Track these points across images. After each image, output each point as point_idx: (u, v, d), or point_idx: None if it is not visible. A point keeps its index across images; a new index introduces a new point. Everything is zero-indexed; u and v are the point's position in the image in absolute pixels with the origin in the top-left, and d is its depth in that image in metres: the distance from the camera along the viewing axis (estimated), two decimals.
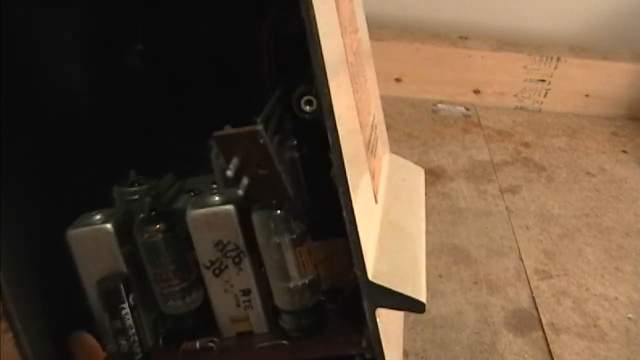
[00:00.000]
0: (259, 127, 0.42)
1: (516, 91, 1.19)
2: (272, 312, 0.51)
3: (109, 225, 0.48)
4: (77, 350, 0.50)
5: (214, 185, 0.52)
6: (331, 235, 0.51)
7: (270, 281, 0.50)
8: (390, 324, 0.55)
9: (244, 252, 0.49)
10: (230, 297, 0.50)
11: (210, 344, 0.50)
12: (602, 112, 1.20)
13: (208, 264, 0.49)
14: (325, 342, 0.50)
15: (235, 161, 0.43)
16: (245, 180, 0.44)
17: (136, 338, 0.49)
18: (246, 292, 0.50)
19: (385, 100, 1.14)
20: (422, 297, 0.47)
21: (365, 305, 0.46)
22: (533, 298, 0.72)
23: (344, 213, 0.43)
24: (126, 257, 0.49)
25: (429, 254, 0.78)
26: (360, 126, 0.52)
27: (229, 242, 0.48)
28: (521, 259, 0.79)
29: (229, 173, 0.43)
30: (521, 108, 1.20)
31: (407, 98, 1.15)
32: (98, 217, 0.48)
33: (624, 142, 1.11)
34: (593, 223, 0.87)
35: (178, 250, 0.49)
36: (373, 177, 0.55)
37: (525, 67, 1.17)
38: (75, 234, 0.47)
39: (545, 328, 0.68)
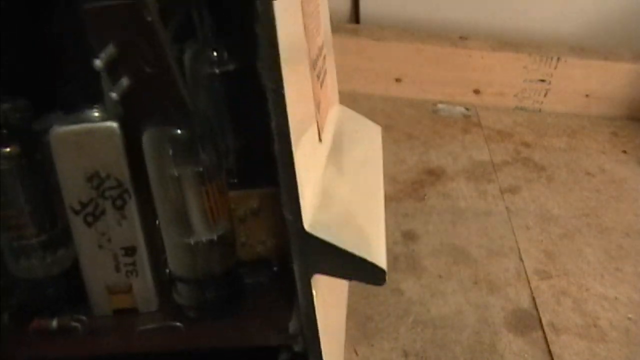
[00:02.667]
0: None
1: (516, 91, 1.19)
2: (165, 283, 0.37)
3: None
4: None
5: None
6: (257, 185, 0.36)
7: (163, 235, 0.35)
8: (331, 307, 0.41)
9: (128, 192, 0.34)
10: (108, 256, 0.35)
11: (74, 324, 0.36)
12: (602, 112, 1.20)
13: (78, 207, 0.34)
14: (236, 327, 0.35)
15: (110, 49, 0.30)
16: (124, 81, 0.31)
17: None
18: (130, 250, 0.35)
19: (385, 101, 1.14)
20: (382, 263, 0.34)
21: (297, 269, 0.32)
22: (533, 298, 0.72)
23: (274, 128, 0.30)
24: None
25: (428, 254, 0.78)
26: (307, 39, 0.39)
27: (108, 176, 0.33)
28: (521, 259, 0.79)
29: (98, 63, 0.29)
30: (521, 108, 1.20)
31: (407, 98, 1.15)
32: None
33: (624, 142, 1.11)
34: (593, 223, 0.87)
35: (38, 187, 0.35)
36: (318, 109, 0.41)
37: (525, 67, 1.17)
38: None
39: (545, 328, 0.68)
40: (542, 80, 1.18)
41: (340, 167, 0.42)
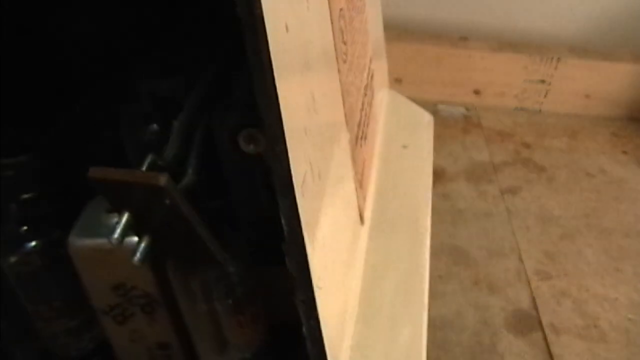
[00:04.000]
0: (163, 179, 0.26)
1: (516, 92, 1.19)
2: None
3: None
4: None
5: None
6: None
7: (195, 344, 0.35)
8: None
9: (157, 301, 0.33)
10: (142, 348, 0.35)
11: None
12: (603, 112, 1.20)
13: (106, 309, 0.33)
14: None
15: (126, 218, 0.28)
16: (145, 241, 0.28)
17: None
18: (164, 345, 0.35)
19: None
20: None
21: None
22: (533, 299, 0.72)
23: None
24: None
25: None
26: (346, 122, 0.37)
27: (134, 287, 0.33)
28: (521, 260, 0.79)
29: (115, 238, 0.27)
30: (521, 109, 1.20)
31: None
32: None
33: (624, 142, 1.11)
34: (593, 224, 0.87)
35: (66, 279, 0.33)
36: (360, 184, 0.38)
37: (525, 67, 1.17)
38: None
39: (546, 329, 0.68)
40: (542, 81, 1.18)
41: (379, 247, 0.36)
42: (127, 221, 0.27)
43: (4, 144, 0.32)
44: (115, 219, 0.29)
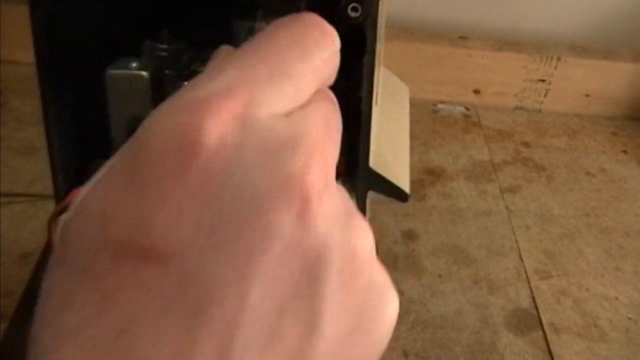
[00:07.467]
0: None
1: (516, 91, 1.19)
2: None
3: (145, 73, 0.49)
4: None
5: None
6: None
7: None
8: None
9: None
10: None
11: None
12: (603, 112, 1.20)
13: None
14: None
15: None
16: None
17: None
18: None
19: None
20: (406, 188, 0.56)
21: (360, 188, 0.49)
22: (533, 298, 0.72)
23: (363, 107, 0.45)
24: (154, 106, 0.48)
25: (428, 254, 0.78)
26: None
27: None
28: (521, 259, 0.79)
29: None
30: (521, 108, 1.20)
31: None
32: (134, 64, 0.50)
33: (624, 142, 1.11)
34: (593, 223, 0.87)
35: None
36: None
37: (525, 67, 1.17)
38: (114, 74, 0.49)
39: (546, 328, 0.68)
40: (542, 80, 1.18)
41: (381, 111, 0.56)
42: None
43: None
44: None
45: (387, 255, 0.76)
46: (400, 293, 0.74)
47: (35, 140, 0.57)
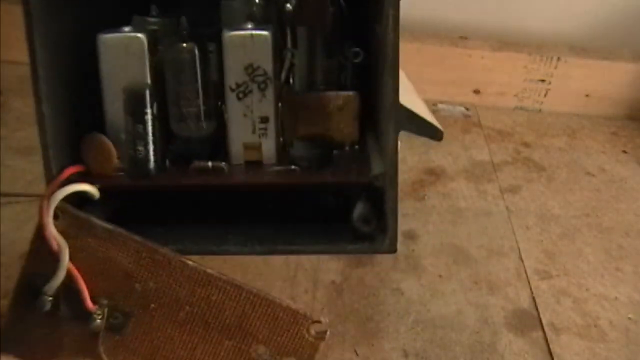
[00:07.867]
0: None
1: (516, 91, 1.19)
2: (282, 147, 0.54)
3: (141, 35, 0.48)
4: (91, 149, 0.51)
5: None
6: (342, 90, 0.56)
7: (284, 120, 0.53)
8: None
9: (270, 79, 0.50)
10: (248, 122, 0.51)
11: (223, 164, 0.52)
12: (603, 112, 1.20)
13: (234, 86, 0.50)
14: (333, 173, 0.53)
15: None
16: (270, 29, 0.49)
17: (152, 147, 0.50)
18: (264, 119, 0.51)
19: None
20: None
21: (390, 129, 0.51)
22: (533, 298, 0.72)
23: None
24: (151, 71, 0.49)
25: (428, 254, 0.78)
26: None
27: (258, 67, 0.49)
28: (521, 259, 0.79)
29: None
30: (521, 108, 1.20)
31: None
32: (127, 29, 0.49)
33: (624, 142, 1.11)
34: (593, 223, 0.87)
35: (205, 73, 0.51)
36: None
37: (525, 67, 1.17)
38: (108, 39, 0.48)
39: (546, 328, 0.68)
40: (542, 80, 1.18)
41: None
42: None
43: None
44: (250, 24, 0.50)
45: (387, 256, 0.76)
46: (400, 293, 0.74)
47: (35, 140, 0.57)
